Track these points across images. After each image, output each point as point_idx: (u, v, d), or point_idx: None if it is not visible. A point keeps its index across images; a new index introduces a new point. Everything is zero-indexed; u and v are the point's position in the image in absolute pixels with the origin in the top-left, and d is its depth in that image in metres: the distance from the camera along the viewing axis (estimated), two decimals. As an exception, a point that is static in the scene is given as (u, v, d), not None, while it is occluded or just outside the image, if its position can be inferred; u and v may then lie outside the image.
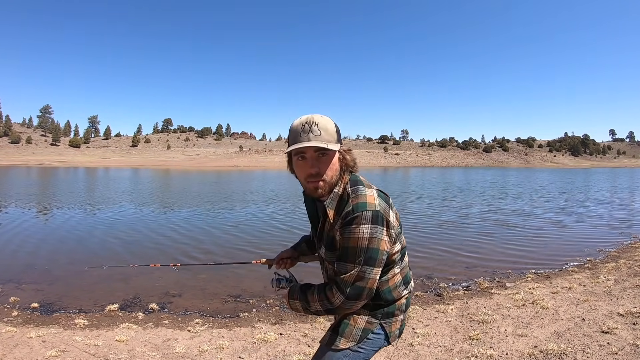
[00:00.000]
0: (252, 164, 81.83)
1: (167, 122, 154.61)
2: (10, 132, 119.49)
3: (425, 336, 3.40)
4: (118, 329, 3.80)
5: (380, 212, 1.21)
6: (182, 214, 12.46)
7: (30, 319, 4.17)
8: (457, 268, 6.29)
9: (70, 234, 9.09)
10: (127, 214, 12.29)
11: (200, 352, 3.22)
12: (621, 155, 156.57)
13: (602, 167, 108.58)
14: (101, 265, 6.06)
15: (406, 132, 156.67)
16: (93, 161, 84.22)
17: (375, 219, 1.20)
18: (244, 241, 8.48)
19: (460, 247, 7.86)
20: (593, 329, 3.40)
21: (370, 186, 1.30)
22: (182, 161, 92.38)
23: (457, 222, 11.16)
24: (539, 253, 7.40)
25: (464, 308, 4.22)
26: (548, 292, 4.66)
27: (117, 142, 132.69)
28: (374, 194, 1.25)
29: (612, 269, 5.76)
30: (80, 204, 14.92)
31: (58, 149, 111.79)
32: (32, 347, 3.27)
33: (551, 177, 46.43)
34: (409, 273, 1.45)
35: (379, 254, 1.22)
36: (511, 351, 3.03)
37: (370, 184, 1.31)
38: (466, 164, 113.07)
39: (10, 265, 6.40)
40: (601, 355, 2.88)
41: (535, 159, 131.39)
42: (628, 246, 7.87)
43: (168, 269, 6.04)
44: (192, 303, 4.75)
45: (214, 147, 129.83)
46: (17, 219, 10.97)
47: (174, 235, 9.05)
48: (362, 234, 1.19)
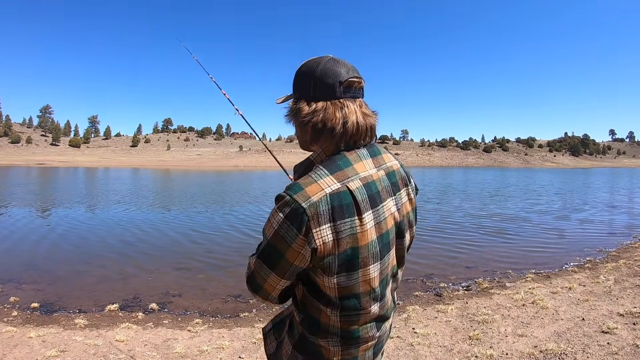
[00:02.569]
0: (252, 164, 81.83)
1: (167, 122, 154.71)
2: (10, 132, 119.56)
3: (425, 336, 3.40)
4: (118, 329, 3.80)
5: (304, 210, 0.81)
6: (182, 214, 12.48)
7: (30, 319, 4.17)
8: (457, 268, 6.29)
9: (71, 234, 9.09)
10: (127, 214, 12.30)
11: (200, 352, 3.22)
12: (621, 155, 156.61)
13: (602, 167, 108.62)
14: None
15: (406, 132, 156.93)
16: (93, 161, 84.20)
17: (293, 215, 0.82)
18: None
19: (460, 247, 7.86)
20: (593, 329, 3.40)
21: (343, 177, 0.86)
22: (182, 161, 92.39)
23: (457, 222, 11.16)
24: (539, 253, 7.40)
25: (464, 308, 4.22)
26: (548, 292, 4.67)
27: (117, 142, 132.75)
28: (325, 186, 0.84)
29: (612, 269, 5.76)
30: (80, 203, 14.93)
31: (58, 149, 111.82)
32: (32, 347, 3.27)
33: (551, 177, 46.43)
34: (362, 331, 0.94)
35: (280, 260, 0.87)
36: (511, 351, 3.03)
37: (359, 175, 0.89)
38: (466, 164, 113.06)
39: (10, 265, 6.40)
40: (601, 355, 2.88)
41: (535, 159, 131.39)
42: (628, 246, 7.87)
43: (168, 268, 6.04)
44: (192, 303, 4.76)
45: (214, 147, 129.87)
46: (17, 219, 10.98)
47: (174, 235, 9.05)
48: (271, 222, 0.86)
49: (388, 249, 0.94)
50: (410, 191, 1.03)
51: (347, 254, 0.86)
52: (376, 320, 0.97)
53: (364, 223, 0.86)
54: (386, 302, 0.99)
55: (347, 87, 0.92)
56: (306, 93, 0.92)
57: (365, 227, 0.86)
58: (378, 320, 0.98)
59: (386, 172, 0.96)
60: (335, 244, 0.84)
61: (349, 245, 0.85)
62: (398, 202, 0.97)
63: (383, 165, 0.97)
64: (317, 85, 0.91)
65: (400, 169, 1.02)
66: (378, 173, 0.93)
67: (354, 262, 0.87)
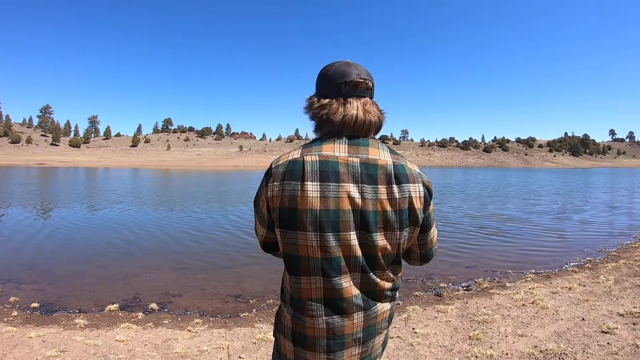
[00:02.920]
0: (252, 164, 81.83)
1: (167, 122, 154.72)
2: (10, 132, 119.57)
3: (425, 336, 3.40)
4: (118, 329, 3.80)
5: (271, 170, 1.05)
6: (182, 214, 12.48)
7: (30, 319, 4.17)
8: (457, 268, 6.29)
9: (71, 234, 9.09)
10: (127, 214, 12.30)
11: (200, 352, 3.22)
12: (621, 155, 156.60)
13: (602, 167, 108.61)
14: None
15: (406, 132, 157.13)
16: (93, 161, 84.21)
17: (266, 173, 1.07)
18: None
19: (460, 247, 7.86)
20: (593, 329, 3.40)
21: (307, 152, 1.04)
22: (182, 161, 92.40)
23: (457, 222, 11.16)
24: (539, 253, 7.40)
25: (464, 308, 4.22)
26: (548, 292, 4.67)
27: (117, 142, 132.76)
28: (290, 156, 1.04)
29: (612, 269, 5.76)
30: (80, 203, 14.93)
31: (58, 149, 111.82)
32: (32, 347, 3.27)
33: (551, 177, 46.42)
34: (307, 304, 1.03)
35: (257, 206, 1.10)
36: (511, 351, 3.03)
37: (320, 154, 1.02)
38: (466, 164, 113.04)
39: (10, 265, 6.40)
40: (601, 355, 2.88)
41: (535, 159, 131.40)
42: (628, 246, 7.87)
43: (168, 268, 6.03)
44: (192, 303, 4.75)
45: (214, 147, 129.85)
46: (16, 219, 10.98)
47: (174, 235, 9.05)
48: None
49: (336, 228, 0.99)
50: (396, 191, 1.03)
51: (287, 211, 1.01)
52: (325, 304, 1.03)
53: (304, 189, 0.99)
54: (339, 290, 1.02)
55: (353, 87, 1.06)
56: (319, 91, 1.11)
57: (305, 193, 0.99)
58: (327, 304, 1.03)
59: (362, 162, 1.02)
60: (279, 199, 1.02)
61: (289, 204, 1.00)
62: (367, 191, 1.01)
63: (362, 155, 1.03)
64: (327, 85, 1.08)
65: (389, 167, 1.04)
66: (349, 158, 1.02)
67: (293, 221, 1.00)
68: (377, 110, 1.09)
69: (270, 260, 6.79)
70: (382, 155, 1.05)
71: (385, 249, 1.05)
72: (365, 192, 1.01)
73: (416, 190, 1.06)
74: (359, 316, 1.06)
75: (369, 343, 1.09)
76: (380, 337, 1.12)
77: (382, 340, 1.15)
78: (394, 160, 1.05)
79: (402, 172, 1.05)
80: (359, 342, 1.08)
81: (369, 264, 1.04)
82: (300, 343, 1.07)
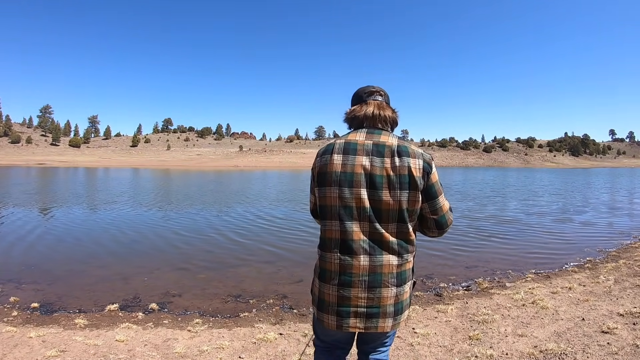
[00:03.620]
0: (252, 164, 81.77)
1: (167, 122, 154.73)
2: (10, 132, 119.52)
3: (425, 336, 3.40)
4: (118, 329, 3.79)
5: (319, 151, 1.50)
6: (182, 214, 12.48)
7: (30, 319, 4.17)
8: (457, 268, 6.29)
9: (70, 234, 9.09)
10: (127, 214, 12.29)
11: (200, 352, 3.22)
12: (621, 155, 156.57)
13: (602, 167, 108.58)
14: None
15: (406, 132, 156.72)
16: (93, 161, 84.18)
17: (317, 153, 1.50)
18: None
19: (460, 247, 7.85)
20: (593, 329, 3.40)
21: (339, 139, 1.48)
22: (182, 161, 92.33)
23: (457, 222, 11.16)
24: (539, 253, 7.39)
25: (464, 308, 4.22)
26: (548, 292, 4.66)
27: (117, 142, 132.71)
28: (330, 142, 1.49)
29: (612, 269, 5.76)
30: (80, 203, 14.93)
31: (58, 149, 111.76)
32: (32, 347, 3.27)
33: (551, 177, 46.41)
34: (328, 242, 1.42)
35: (311, 178, 1.53)
36: (511, 351, 3.03)
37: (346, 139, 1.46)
38: (466, 164, 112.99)
39: (10, 265, 6.39)
40: (601, 355, 2.88)
41: (535, 159, 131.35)
42: (628, 246, 7.87)
43: (168, 268, 6.03)
44: (192, 303, 4.75)
45: (214, 147, 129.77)
46: (16, 219, 10.97)
47: (174, 235, 9.05)
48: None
49: (351, 184, 1.37)
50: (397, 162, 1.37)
51: (322, 174, 1.43)
52: (340, 244, 1.38)
53: (332, 160, 1.41)
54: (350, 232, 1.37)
55: (370, 94, 1.54)
56: (352, 103, 1.58)
57: (332, 161, 1.41)
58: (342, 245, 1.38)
59: (374, 143, 1.41)
60: (317, 167, 1.46)
61: (323, 170, 1.43)
62: (375, 162, 1.37)
63: (375, 139, 1.42)
64: (355, 98, 1.58)
65: (394, 146, 1.40)
66: (365, 141, 1.42)
67: (324, 180, 1.42)
68: (390, 109, 1.53)
69: (271, 260, 6.80)
70: (390, 140, 1.41)
71: (388, 203, 1.35)
72: (374, 162, 1.37)
73: (415, 163, 1.38)
74: (365, 259, 1.36)
75: (374, 291, 1.35)
76: (388, 291, 1.36)
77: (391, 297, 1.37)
78: (399, 143, 1.41)
79: (405, 150, 1.39)
80: (364, 285, 1.36)
81: (376, 216, 1.36)
82: (322, 278, 1.43)
